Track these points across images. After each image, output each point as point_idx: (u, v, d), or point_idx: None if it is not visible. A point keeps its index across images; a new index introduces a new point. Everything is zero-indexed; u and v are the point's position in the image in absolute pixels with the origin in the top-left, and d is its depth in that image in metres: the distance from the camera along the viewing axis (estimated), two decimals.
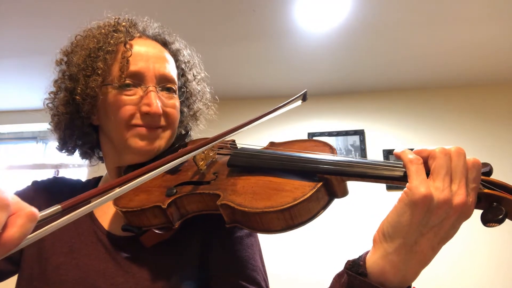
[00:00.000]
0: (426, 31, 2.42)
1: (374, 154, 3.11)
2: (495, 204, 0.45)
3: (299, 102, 0.65)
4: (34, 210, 0.36)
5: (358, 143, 3.17)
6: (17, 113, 3.47)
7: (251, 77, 3.05)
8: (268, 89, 3.23)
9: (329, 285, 0.53)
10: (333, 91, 3.23)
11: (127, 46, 0.74)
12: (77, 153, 0.86)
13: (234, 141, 0.74)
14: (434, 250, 0.45)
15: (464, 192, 0.43)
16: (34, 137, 3.64)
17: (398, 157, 0.47)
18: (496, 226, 0.44)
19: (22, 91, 3.08)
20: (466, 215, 0.44)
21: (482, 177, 0.47)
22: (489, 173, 0.48)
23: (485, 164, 0.49)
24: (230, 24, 2.32)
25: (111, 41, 0.75)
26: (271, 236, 2.73)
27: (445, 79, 3.07)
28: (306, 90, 0.67)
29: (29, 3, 2.07)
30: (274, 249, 2.83)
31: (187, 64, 0.86)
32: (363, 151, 3.15)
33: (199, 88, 0.89)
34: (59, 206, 0.38)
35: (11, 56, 2.60)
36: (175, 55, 0.83)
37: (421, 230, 0.44)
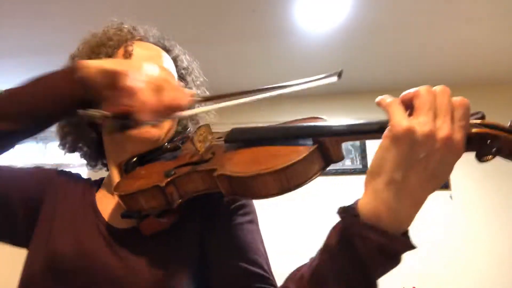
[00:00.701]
0: (426, 31, 2.42)
1: None
2: (488, 141, 0.45)
3: (335, 78, 0.66)
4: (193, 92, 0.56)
5: (358, 143, 3.17)
6: None
7: (251, 77, 3.06)
8: None
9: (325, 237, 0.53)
10: (333, 91, 3.23)
11: (129, 43, 0.76)
12: (79, 155, 0.87)
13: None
14: (423, 188, 0.44)
15: (448, 126, 0.43)
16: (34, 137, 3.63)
17: (379, 105, 0.49)
18: (491, 159, 0.45)
19: None
20: (455, 152, 0.44)
21: (474, 120, 0.48)
22: (481, 118, 0.49)
23: (476, 112, 0.49)
24: (230, 24, 2.33)
25: (114, 39, 0.78)
26: (271, 216, 2.74)
27: (445, 79, 3.07)
28: (342, 69, 0.69)
29: (29, 3, 2.07)
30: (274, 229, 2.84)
31: (187, 70, 0.88)
32: (363, 151, 3.15)
33: (198, 93, 0.90)
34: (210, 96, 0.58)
35: (11, 56, 2.60)
36: (174, 60, 0.85)
37: (408, 164, 0.43)
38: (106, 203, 0.77)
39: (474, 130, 0.46)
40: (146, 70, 0.60)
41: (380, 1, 2.12)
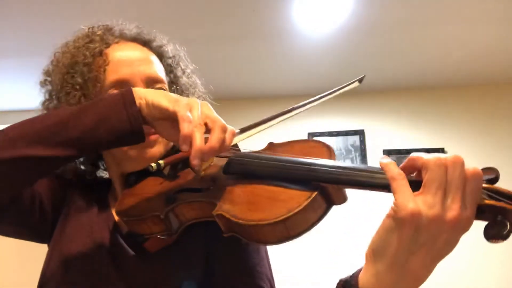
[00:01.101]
0: (426, 31, 2.42)
1: (374, 154, 3.11)
2: (499, 217, 0.40)
3: (356, 84, 0.67)
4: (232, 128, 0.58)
5: (358, 143, 3.17)
6: (17, 113, 3.47)
7: (250, 77, 3.05)
8: (267, 89, 3.23)
9: None
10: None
11: (104, 55, 0.73)
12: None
13: (236, 145, 0.73)
14: (427, 268, 0.42)
15: (458, 207, 0.39)
16: None
17: (383, 169, 0.44)
18: (500, 242, 0.40)
19: (22, 91, 3.08)
20: (463, 229, 0.41)
21: (487, 185, 0.43)
22: (494, 179, 0.43)
23: (491, 170, 0.44)
24: (230, 24, 2.32)
25: (87, 53, 0.73)
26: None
27: (445, 79, 3.07)
28: (364, 75, 0.70)
29: (29, 3, 2.07)
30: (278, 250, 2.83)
31: (173, 59, 0.84)
32: (363, 151, 3.15)
33: (190, 82, 0.87)
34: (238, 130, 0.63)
35: (11, 56, 2.59)
36: (158, 52, 0.81)
37: (411, 249, 0.41)
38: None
39: (485, 201, 0.41)
40: (198, 109, 0.56)
41: (380, 1, 2.12)
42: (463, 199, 0.40)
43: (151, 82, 0.74)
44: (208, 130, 0.55)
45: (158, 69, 0.77)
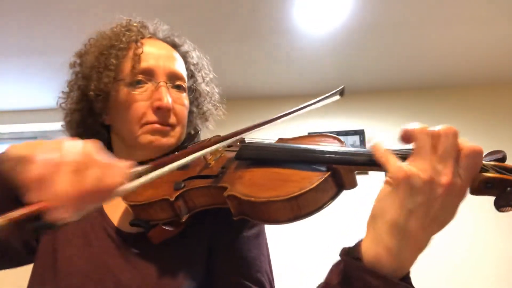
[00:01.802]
0: (426, 31, 2.42)
1: None
2: (509, 189, 0.43)
3: (337, 97, 0.66)
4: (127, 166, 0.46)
5: (358, 143, 3.17)
6: (17, 113, 3.47)
7: (250, 77, 3.05)
8: (267, 89, 3.23)
9: (326, 274, 0.52)
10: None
11: (139, 44, 0.76)
12: None
13: (243, 138, 0.74)
14: (426, 231, 0.44)
15: (450, 172, 0.42)
16: (34, 137, 3.64)
17: (373, 152, 0.48)
18: (510, 210, 0.43)
19: (22, 91, 3.08)
20: (458, 196, 0.43)
21: (495, 162, 0.46)
22: (502, 159, 0.47)
23: (498, 151, 0.48)
24: (230, 24, 2.32)
25: (123, 39, 0.77)
26: (278, 231, 2.74)
27: (445, 79, 3.07)
28: (344, 86, 0.69)
29: (29, 3, 2.07)
30: (280, 243, 2.83)
31: (196, 66, 0.88)
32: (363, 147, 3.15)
33: (208, 89, 0.91)
34: (150, 165, 0.49)
35: (11, 56, 2.60)
36: (184, 56, 0.85)
37: (409, 209, 0.43)
38: (114, 205, 0.76)
39: (492, 174, 0.44)
40: (63, 148, 0.45)
41: (380, 1, 2.12)
42: (455, 167, 0.42)
43: (173, 78, 0.78)
44: (82, 170, 0.43)
45: (181, 68, 0.81)
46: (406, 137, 0.46)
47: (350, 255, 0.48)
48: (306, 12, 2.21)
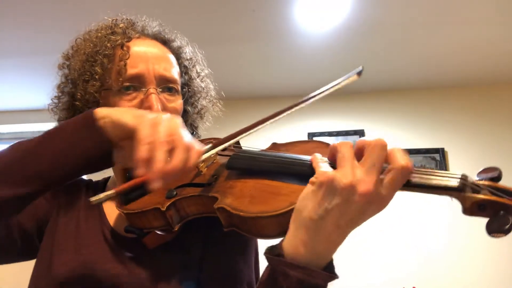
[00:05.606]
0: (426, 31, 2.42)
1: None
2: (501, 212, 0.41)
3: (355, 77, 0.66)
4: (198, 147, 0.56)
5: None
6: (17, 113, 3.47)
7: (250, 77, 3.05)
8: (267, 89, 3.23)
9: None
10: (333, 91, 3.22)
11: (125, 48, 0.73)
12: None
13: (238, 142, 0.73)
14: (340, 229, 0.47)
15: (371, 182, 0.44)
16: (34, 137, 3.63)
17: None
18: (501, 236, 0.41)
19: (22, 91, 3.08)
20: (378, 204, 0.46)
21: (489, 182, 0.44)
22: (497, 178, 0.45)
23: (493, 169, 0.45)
24: (230, 24, 2.32)
25: (108, 44, 0.74)
26: None
27: (445, 79, 3.07)
28: (362, 66, 0.69)
29: (28, 3, 2.07)
30: None
31: (190, 62, 0.85)
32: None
33: (203, 85, 0.88)
34: (211, 145, 0.60)
35: (11, 56, 2.59)
36: (176, 53, 0.82)
37: (326, 208, 0.46)
38: (113, 206, 0.75)
39: (485, 196, 0.42)
40: (161, 125, 0.54)
41: (380, 1, 2.12)
42: (378, 178, 0.45)
43: (164, 81, 0.75)
44: (172, 149, 0.52)
45: (172, 69, 0.77)
46: (331, 153, 0.50)
47: (272, 251, 0.51)
48: (306, 12, 2.21)
